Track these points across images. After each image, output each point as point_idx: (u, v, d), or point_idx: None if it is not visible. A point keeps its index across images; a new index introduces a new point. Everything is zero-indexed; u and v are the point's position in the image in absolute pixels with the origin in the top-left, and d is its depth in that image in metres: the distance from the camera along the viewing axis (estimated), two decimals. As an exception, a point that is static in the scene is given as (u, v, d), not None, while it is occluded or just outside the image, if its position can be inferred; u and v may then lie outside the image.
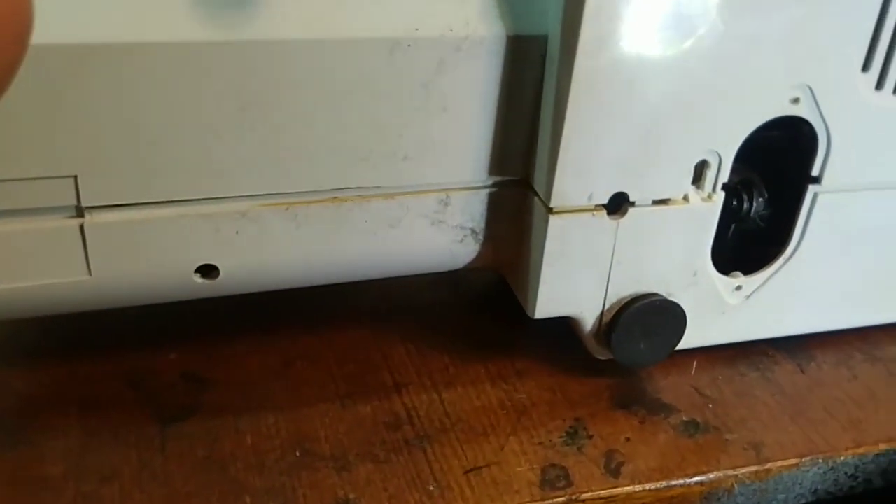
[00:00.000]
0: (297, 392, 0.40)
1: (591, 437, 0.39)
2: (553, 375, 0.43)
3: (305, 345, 0.43)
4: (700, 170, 0.39)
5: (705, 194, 0.40)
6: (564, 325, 0.42)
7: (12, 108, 0.31)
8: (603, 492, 0.37)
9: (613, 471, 0.38)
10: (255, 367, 0.41)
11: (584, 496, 0.37)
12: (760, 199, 0.42)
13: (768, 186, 0.42)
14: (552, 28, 0.36)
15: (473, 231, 0.40)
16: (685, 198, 0.39)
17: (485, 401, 0.41)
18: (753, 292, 0.43)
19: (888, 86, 0.40)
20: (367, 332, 0.44)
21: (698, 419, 0.41)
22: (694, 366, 0.44)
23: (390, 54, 0.35)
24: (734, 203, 0.42)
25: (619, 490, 0.37)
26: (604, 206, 0.38)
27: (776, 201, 0.42)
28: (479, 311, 0.47)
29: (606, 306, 0.41)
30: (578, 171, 0.37)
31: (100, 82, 0.32)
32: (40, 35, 0.29)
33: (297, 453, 0.37)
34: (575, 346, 0.43)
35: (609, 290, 0.40)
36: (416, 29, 0.35)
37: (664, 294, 0.41)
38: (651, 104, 0.36)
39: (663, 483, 0.38)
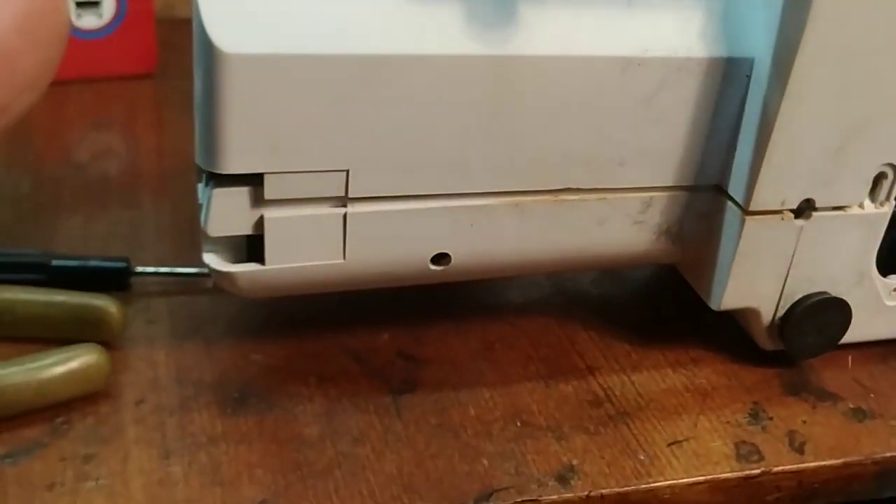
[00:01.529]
0: (503, 371, 0.45)
1: (770, 418, 0.44)
2: (725, 363, 0.47)
3: (499, 331, 0.47)
4: (877, 181, 0.43)
5: (879, 203, 0.44)
6: (728, 319, 0.46)
7: (305, 108, 0.36)
8: (791, 466, 0.41)
9: (798, 448, 0.42)
10: (459, 348, 0.46)
11: (776, 470, 0.41)
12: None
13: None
14: (760, 50, 0.40)
15: (668, 231, 0.44)
16: (860, 205, 0.44)
17: (670, 384, 0.45)
18: (908, 294, 0.47)
19: None
20: (551, 321, 0.48)
21: (863, 407, 0.45)
22: (850, 360, 0.48)
23: (622, 72, 0.39)
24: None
25: (805, 465, 0.41)
26: (792, 210, 0.43)
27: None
28: (645, 304, 0.51)
29: (781, 302, 0.45)
30: (777, 179, 0.41)
31: (382, 88, 0.37)
32: (334, 45, 0.33)
33: (518, 423, 0.42)
34: (740, 339, 0.47)
35: (786, 287, 0.45)
36: (646, 50, 0.39)
37: (833, 293, 0.45)
38: (846, 120, 0.40)
39: (842, 460, 0.42)
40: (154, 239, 0.51)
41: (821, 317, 0.45)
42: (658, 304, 0.51)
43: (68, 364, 0.39)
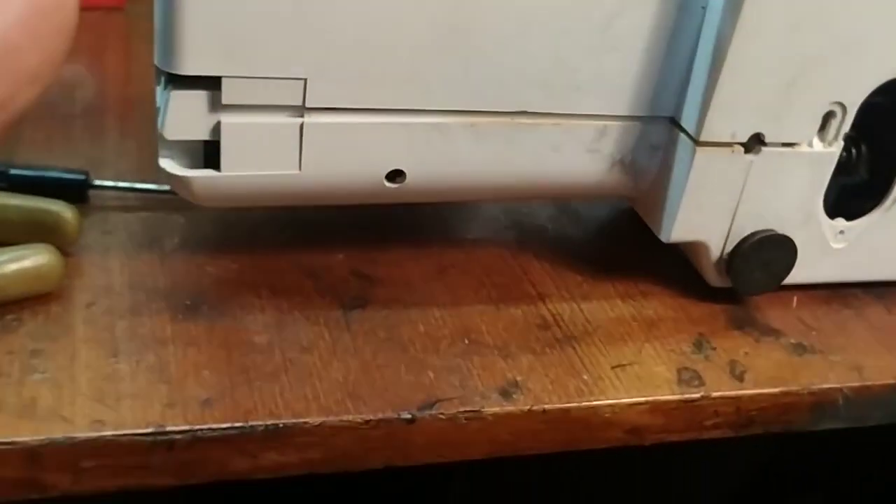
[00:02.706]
0: (456, 294, 0.45)
1: (714, 349, 0.45)
2: (673, 297, 0.48)
3: (454, 257, 0.48)
4: (826, 119, 0.44)
5: (827, 142, 0.45)
6: (679, 258, 0.47)
7: (263, 11, 0.36)
8: (730, 392, 0.42)
9: (738, 376, 0.43)
10: (414, 271, 0.46)
11: (715, 395, 0.42)
12: (866, 152, 0.48)
13: (874, 143, 0.47)
14: (716, -18, 0.41)
15: (622, 161, 0.45)
16: (809, 143, 0.45)
17: (618, 313, 0.46)
18: (854, 238, 0.48)
19: None
20: (505, 251, 0.49)
21: (805, 343, 0.46)
22: (795, 301, 0.49)
23: (580, -6, 0.40)
24: (844, 154, 0.47)
25: (743, 392, 0.42)
26: (742, 144, 0.43)
27: (880, 156, 0.48)
28: (599, 241, 0.52)
29: (730, 237, 0.46)
30: (727, 111, 0.42)
31: (341, -4, 0.37)
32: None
33: (466, 341, 0.42)
34: (690, 276, 0.48)
35: (734, 222, 0.46)
36: (605, -27, 0.40)
37: (780, 231, 0.46)
38: (798, 55, 0.41)
39: (780, 389, 0.43)
40: (115, 157, 0.51)
41: (767, 253, 0.46)
42: (612, 241, 0.52)
43: (21, 262, 0.40)
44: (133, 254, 0.44)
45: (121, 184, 0.48)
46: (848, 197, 0.49)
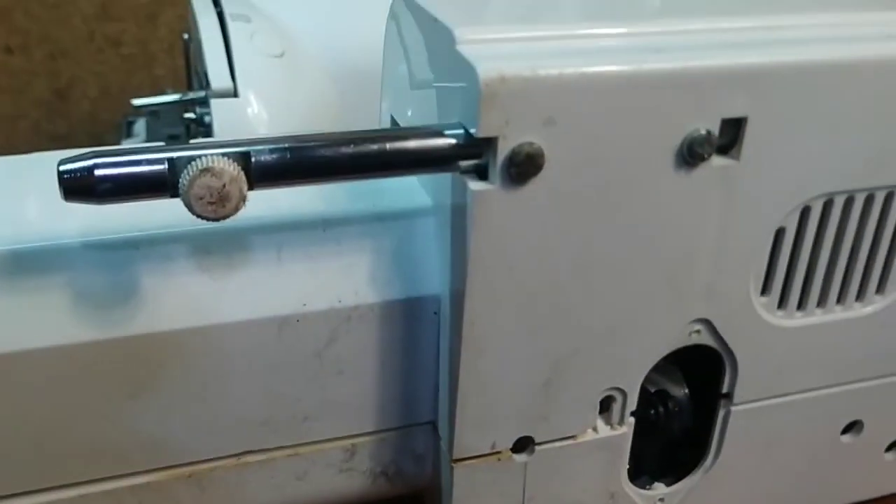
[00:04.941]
0: None
1: None
2: None
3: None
4: (607, 402, 0.39)
5: (614, 424, 0.40)
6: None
7: None
8: None
9: None
10: None
11: None
12: (677, 409, 0.42)
13: (688, 388, 0.42)
14: (443, 287, 0.36)
15: (385, 473, 0.40)
16: (594, 429, 0.39)
17: None
18: (677, 503, 0.43)
19: (790, 304, 0.40)
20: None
21: None
22: (622, 577, 0.43)
23: (279, 331, 0.35)
24: (651, 412, 0.42)
25: None
26: (510, 448, 0.38)
27: (695, 406, 0.42)
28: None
29: (524, 537, 0.41)
30: (479, 423, 0.37)
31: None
32: None
33: None
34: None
35: (525, 522, 0.40)
36: (304, 304, 0.35)
37: (583, 518, 0.41)
38: (548, 354, 0.36)
39: None
40: None
41: (570, 548, 0.41)
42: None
43: None
44: None
45: None
46: (674, 450, 0.44)
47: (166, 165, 0.29)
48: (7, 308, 0.32)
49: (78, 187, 0.28)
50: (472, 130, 0.31)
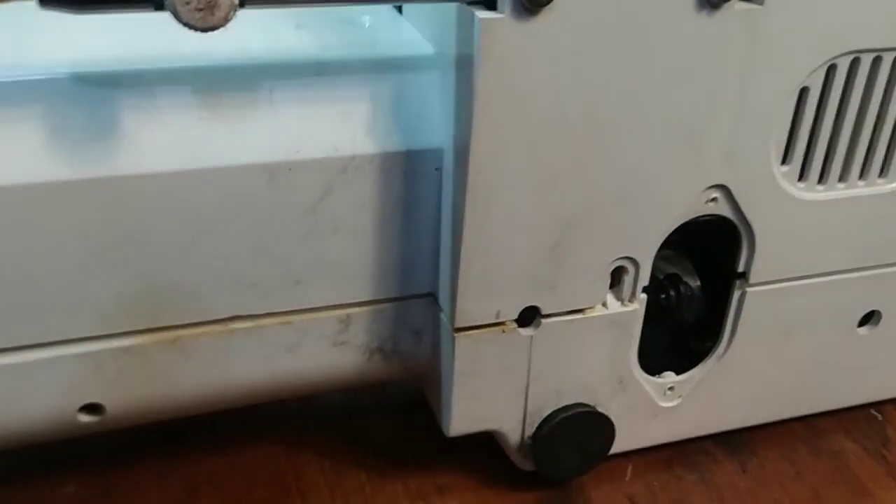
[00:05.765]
0: (201, 527, 0.38)
1: (515, 562, 0.37)
2: (477, 491, 0.40)
3: (213, 467, 0.40)
4: (618, 275, 0.37)
5: (624, 300, 0.37)
6: (488, 435, 0.39)
7: None
8: None
9: None
10: (154, 497, 0.39)
11: None
12: (689, 294, 0.40)
13: (700, 276, 0.40)
14: (446, 140, 0.33)
15: (381, 349, 0.38)
16: (604, 304, 0.37)
17: (403, 525, 0.38)
18: (689, 392, 0.41)
19: (811, 177, 0.38)
20: (279, 448, 0.42)
21: (630, 535, 0.38)
22: (629, 471, 0.42)
23: (270, 180, 0.32)
24: (662, 297, 0.40)
25: None
26: (514, 320, 0.36)
27: (708, 293, 0.40)
28: (403, 417, 0.44)
29: (528, 420, 0.38)
30: (483, 289, 0.34)
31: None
32: None
33: None
34: (499, 458, 0.40)
35: (529, 404, 0.38)
36: (298, 151, 0.32)
37: (590, 403, 0.39)
38: (558, 214, 0.34)
39: None
40: None
41: (576, 433, 0.39)
42: (417, 417, 0.44)
43: None
44: None
45: None
46: (685, 340, 0.42)
47: (149, -33, 0.26)
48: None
49: (53, -12, 0.26)
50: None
